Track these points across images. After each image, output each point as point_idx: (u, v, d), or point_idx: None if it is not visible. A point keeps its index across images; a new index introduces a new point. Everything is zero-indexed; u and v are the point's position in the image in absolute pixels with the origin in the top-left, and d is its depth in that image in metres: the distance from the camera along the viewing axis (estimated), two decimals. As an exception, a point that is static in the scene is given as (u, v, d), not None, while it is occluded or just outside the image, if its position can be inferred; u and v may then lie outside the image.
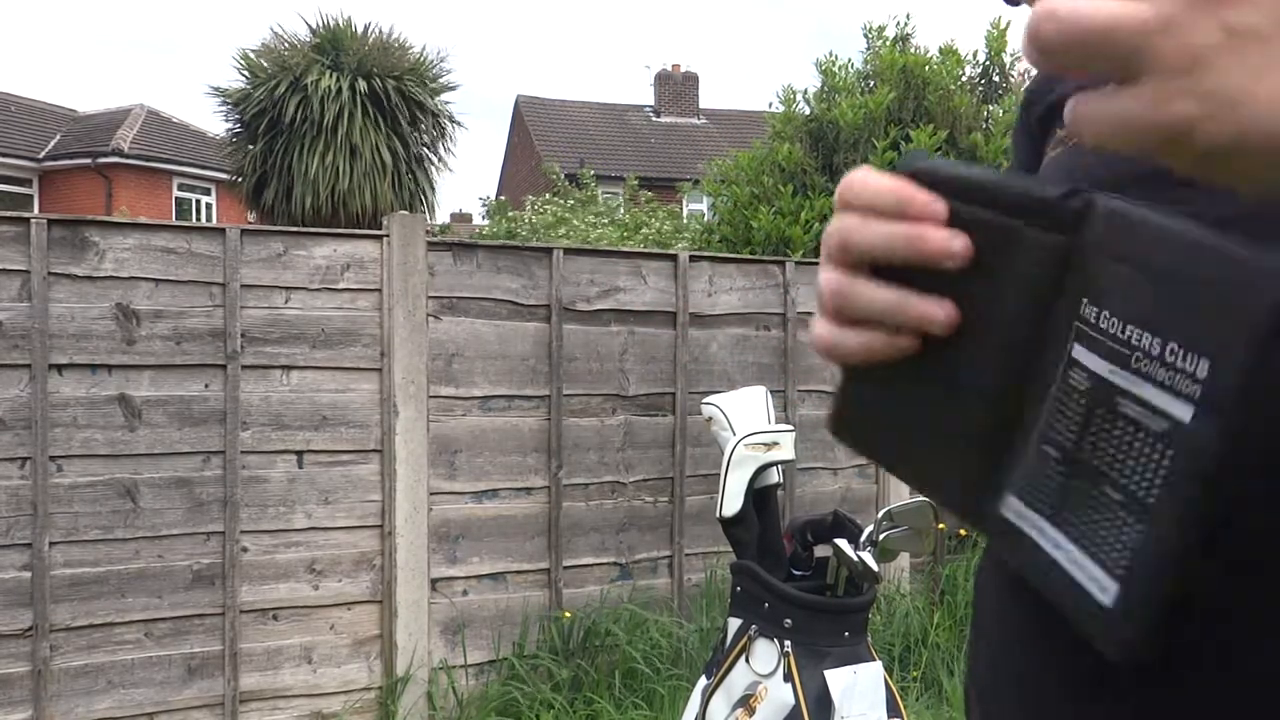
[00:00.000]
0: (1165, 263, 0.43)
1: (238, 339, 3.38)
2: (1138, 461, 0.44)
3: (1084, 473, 0.46)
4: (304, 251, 3.50)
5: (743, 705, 2.36)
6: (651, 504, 4.09)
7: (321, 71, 13.14)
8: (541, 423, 3.88)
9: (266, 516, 3.44)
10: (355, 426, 3.56)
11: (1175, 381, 0.42)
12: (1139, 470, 0.44)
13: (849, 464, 4.53)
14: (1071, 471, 0.47)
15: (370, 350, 3.59)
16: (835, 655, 2.36)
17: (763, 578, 2.42)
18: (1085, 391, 0.46)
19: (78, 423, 3.20)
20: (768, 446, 2.57)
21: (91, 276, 3.22)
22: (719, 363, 4.22)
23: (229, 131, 14.14)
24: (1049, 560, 0.48)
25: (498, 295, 3.80)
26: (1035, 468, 0.49)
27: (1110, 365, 0.45)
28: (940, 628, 4.21)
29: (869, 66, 6.98)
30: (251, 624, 3.42)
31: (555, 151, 20.47)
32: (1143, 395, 0.43)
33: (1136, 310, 0.44)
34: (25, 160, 19.24)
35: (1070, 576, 0.46)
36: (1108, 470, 0.45)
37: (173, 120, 21.45)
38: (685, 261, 4.15)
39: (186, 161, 20.22)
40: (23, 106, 20.33)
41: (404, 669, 3.58)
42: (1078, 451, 0.47)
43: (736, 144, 10.00)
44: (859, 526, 2.50)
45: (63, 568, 3.18)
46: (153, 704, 3.29)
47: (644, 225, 11.16)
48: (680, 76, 25.15)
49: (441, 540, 3.70)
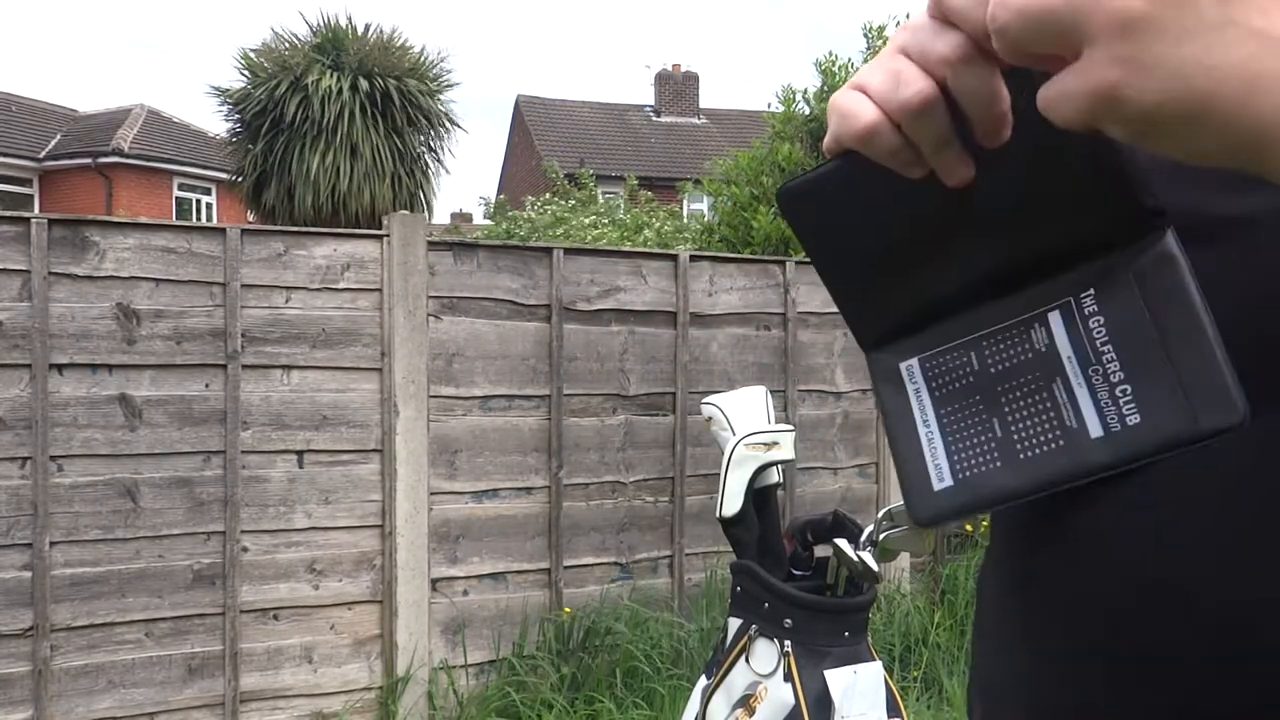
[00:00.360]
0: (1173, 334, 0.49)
1: (238, 339, 3.38)
2: (1034, 427, 0.52)
3: (987, 396, 0.54)
4: (304, 251, 3.50)
5: (743, 705, 2.36)
6: (652, 504, 4.09)
7: (322, 71, 13.15)
8: (542, 422, 3.88)
9: (267, 516, 3.44)
10: (356, 426, 3.56)
11: (1106, 407, 0.50)
12: (1029, 433, 0.52)
13: (849, 464, 4.53)
14: (977, 385, 0.54)
15: (370, 350, 3.59)
16: (835, 655, 2.35)
17: (763, 578, 2.42)
18: (1037, 352, 0.52)
19: (78, 422, 3.20)
20: (768, 446, 2.57)
21: (92, 276, 3.22)
22: (719, 363, 4.22)
23: (229, 131, 14.15)
24: (911, 426, 0.57)
25: (498, 295, 3.80)
26: (952, 358, 0.56)
27: (1071, 352, 0.51)
28: (940, 628, 4.21)
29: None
30: (252, 624, 3.42)
31: (555, 151, 20.49)
32: (1077, 396, 0.51)
33: (1124, 341, 0.50)
34: (25, 160, 19.25)
35: (920, 450, 0.56)
36: (1007, 411, 0.53)
37: (173, 120, 21.46)
38: (686, 261, 4.15)
39: (187, 161, 20.23)
40: (23, 106, 20.34)
41: (404, 669, 3.58)
42: (995, 380, 0.54)
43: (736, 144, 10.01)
44: (859, 526, 2.49)
45: (63, 568, 3.18)
46: (153, 704, 3.29)
47: (645, 226, 11.15)
48: (680, 76, 25.16)
49: (442, 540, 3.70)
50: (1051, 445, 0.51)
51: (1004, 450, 0.53)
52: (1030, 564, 0.62)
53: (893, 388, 0.59)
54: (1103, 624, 0.57)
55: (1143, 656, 0.55)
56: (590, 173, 14.81)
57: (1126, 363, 0.50)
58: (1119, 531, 0.55)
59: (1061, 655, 0.60)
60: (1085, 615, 0.58)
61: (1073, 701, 0.59)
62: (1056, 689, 0.60)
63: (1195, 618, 0.53)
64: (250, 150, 13.42)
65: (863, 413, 4.54)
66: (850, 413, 4.53)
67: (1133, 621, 0.56)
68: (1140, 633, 0.55)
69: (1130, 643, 0.56)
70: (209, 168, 19.84)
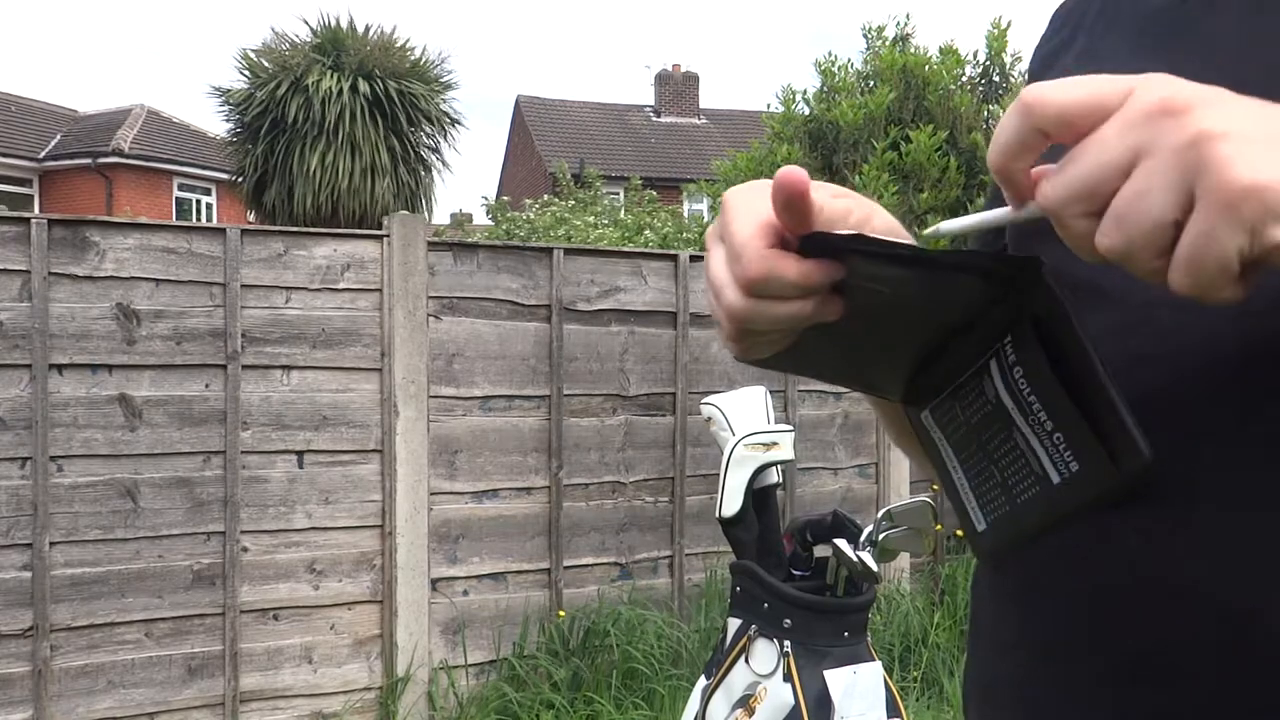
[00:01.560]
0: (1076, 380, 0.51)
1: (238, 339, 3.38)
2: (1017, 474, 0.55)
3: (980, 445, 0.57)
4: (304, 251, 3.50)
5: (742, 705, 2.36)
6: (652, 504, 4.09)
7: (322, 72, 13.15)
8: (542, 423, 3.88)
9: (267, 516, 3.44)
10: (355, 426, 3.57)
11: (1055, 455, 0.53)
12: (1016, 479, 0.55)
13: (849, 464, 4.53)
14: (970, 435, 0.58)
15: (370, 350, 3.59)
16: (835, 655, 2.35)
17: (762, 578, 2.42)
18: (991, 403, 0.56)
19: (78, 423, 3.20)
20: (767, 446, 2.57)
21: (92, 276, 3.22)
22: (719, 363, 4.22)
23: (230, 132, 14.15)
24: (948, 473, 0.61)
25: (498, 295, 3.81)
26: (947, 409, 0.60)
27: (1013, 403, 0.54)
28: (940, 628, 4.21)
29: (869, 67, 6.98)
30: (252, 624, 3.43)
31: (555, 151, 20.48)
32: (1032, 444, 0.54)
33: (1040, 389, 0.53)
34: (25, 160, 19.25)
35: (959, 495, 0.60)
36: (996, 457, 0.56)
37: (173, 120, 21.45)
38: (686, 261, 4.15)
39: (187, 161, 20.22)
40: (23, 106, 20.34)
41: (404, 669, 3.58)
42: (977, 431, 0.57)
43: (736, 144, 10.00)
44: (859, 526, 2.49)
45: (63, 568, 3.18)
46: (153, 704, 3.29)
47: (647, 227, 11.13)
48: (680, 76, 25.16)
49: (442, 540, 3.70)
50: (1034, 490, 0.54)
51: (1008, 494, 0.56)
52: (1027, 565, 0.62)
53: (927, 436, 0.62)
54: (1101, 625, 0.57)
55: (1140, 657, 0.55)
56: (598, 173, 14.80)
57: (1050, 411, 0.52)
58: (1117, 532, 0.56)
59: (1058, 656, 0.60)
60: (1083, 616, 0.58)
61: (1070, 703, 0.59)
62: (1053, 690, 0.60)
63: (1194, 618, 0.53)
64: (250, 151, 13.42)
65: (863, 413, 4.54)
66: (850, 413, 4.53)
67: (1130, 622, 0.56)
68: (1138, 634, 0.55)
69: (1128, 644, 0.56)
70: (209, 168, 19.84)
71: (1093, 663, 0.58)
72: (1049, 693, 0.61)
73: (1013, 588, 0.65)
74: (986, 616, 0.70)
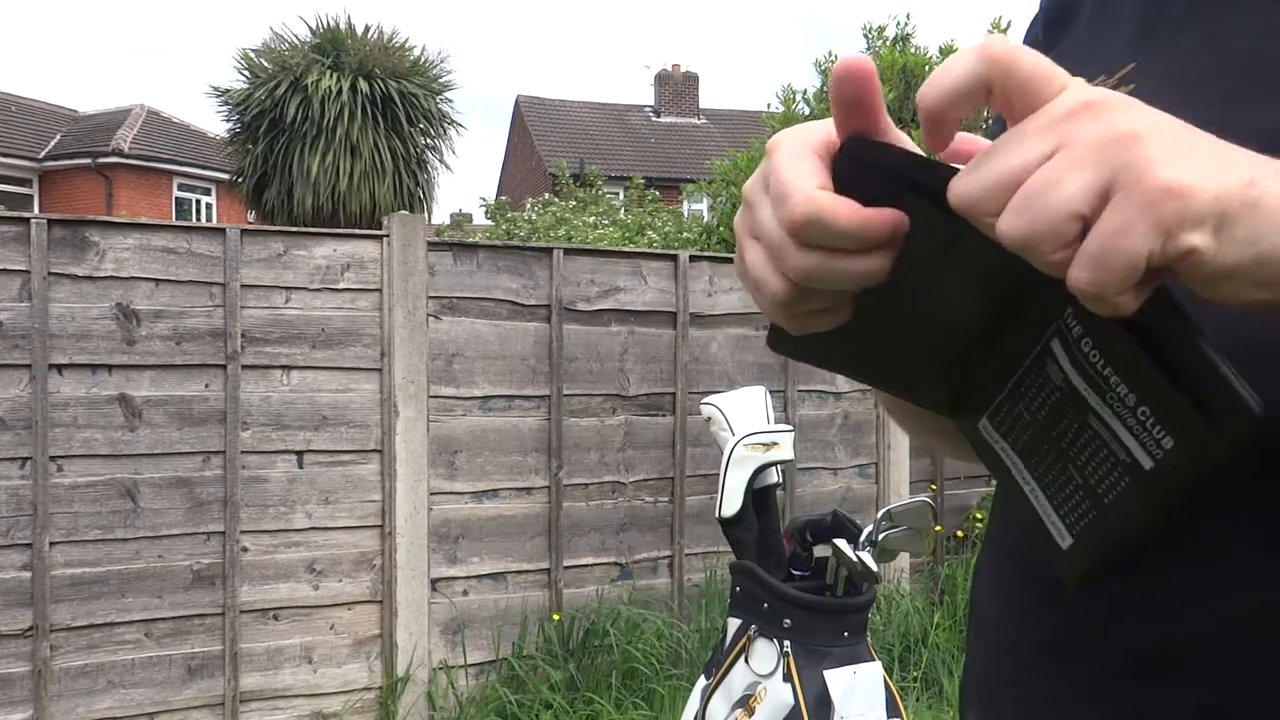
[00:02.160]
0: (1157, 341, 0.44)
1: (238, 339, 3.38)
2: (1099, 468, 0.48)
3: (1051, 444, 0.50)
4: (304, 251, 3.50)
5: (742, 705, 2.36)
6: (651, 504, 4.09)
7: (322, 72, 13.16)
8: (541, 423, 3.88)
9: (267, 516, 3.44)
10: (355, 426, 3.57)
11: (1143, 435, 0.45)
12: (1099, 474, 0.48)
13: (849, 464, 4.53)
14: (1039, 435, 0.51)
15: (370, 350, 3.59)
16: (835, 655, 2.35)
17: (762, 578, 2.42)
18: (1060, 389, 0.49)
19: (78, 423, 3.20)
20: (767, 446, 2.57)
21: (91, 276, 3.22)
22: (719, 363, 4.22)
23: (229, 132, 14.15)
24: (1017, 487, 0.53)
25: (498, 295, 3.81)
26: (1008, 410, 0.52)
27: (1085, 384, 0.47)
28: (940, 628, 4.21)
29: (869, 67, 6.97)
30: (251, 624, 3.43)
31: (555, 151, 20.48)
32: (1114, 429, 0.46)
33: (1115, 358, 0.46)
34: (25, 160, 19.24)
35: (1037, 514, 0.52)
36: (1071, 455, 0.49)
37: (173, 120, 21.45)
38: (685, 261, 4.15)
39: (187, 161, 20.21)
40: (23, 106, 20.33)
41: (404, 669, 3.58)
42: (1047, 427, 0.50)
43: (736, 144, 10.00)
44: (858, 526, 2.49)
45: (63, 568, 3.18)
46: (153, 704, 3.29)
47: (649, 228, 11.12)
48: (680, 76, 25.16)
49: (441, 540, 3.70)
50: (1123, 484, 0.47)
51: (1092, 496, 0.48)
52: (1028, 564, 0.62)
53: (988, 450, 0.54)
54: (1101, 625, 0.57)
55: (1144, 656, 0.55)
56: (600, 172, 14.80)
57: (1132, 383, 0.45)
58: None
59: (1059, 656, 0.60)
60: (1082, 616, 0.58)
61: (1070, 703, 0.59)
62: (1055, 689, 0.60)
63: (1198, 618, 0.53)
64: (250, 151, 13.42)
65: (863, 413, 4.54)
66: (850, 413, 4.53)
67: (1134, 621, 0.56)
68: (1138, 634, 0.55)
69: (1128, 644, 0.56)
70: (209, 168, 19.83)
71: (1093, 663, 0.58)
72: (1049, 692, 0.61)
73: (1014, 586, 0.65)
74: (987, 616, 0.69)
